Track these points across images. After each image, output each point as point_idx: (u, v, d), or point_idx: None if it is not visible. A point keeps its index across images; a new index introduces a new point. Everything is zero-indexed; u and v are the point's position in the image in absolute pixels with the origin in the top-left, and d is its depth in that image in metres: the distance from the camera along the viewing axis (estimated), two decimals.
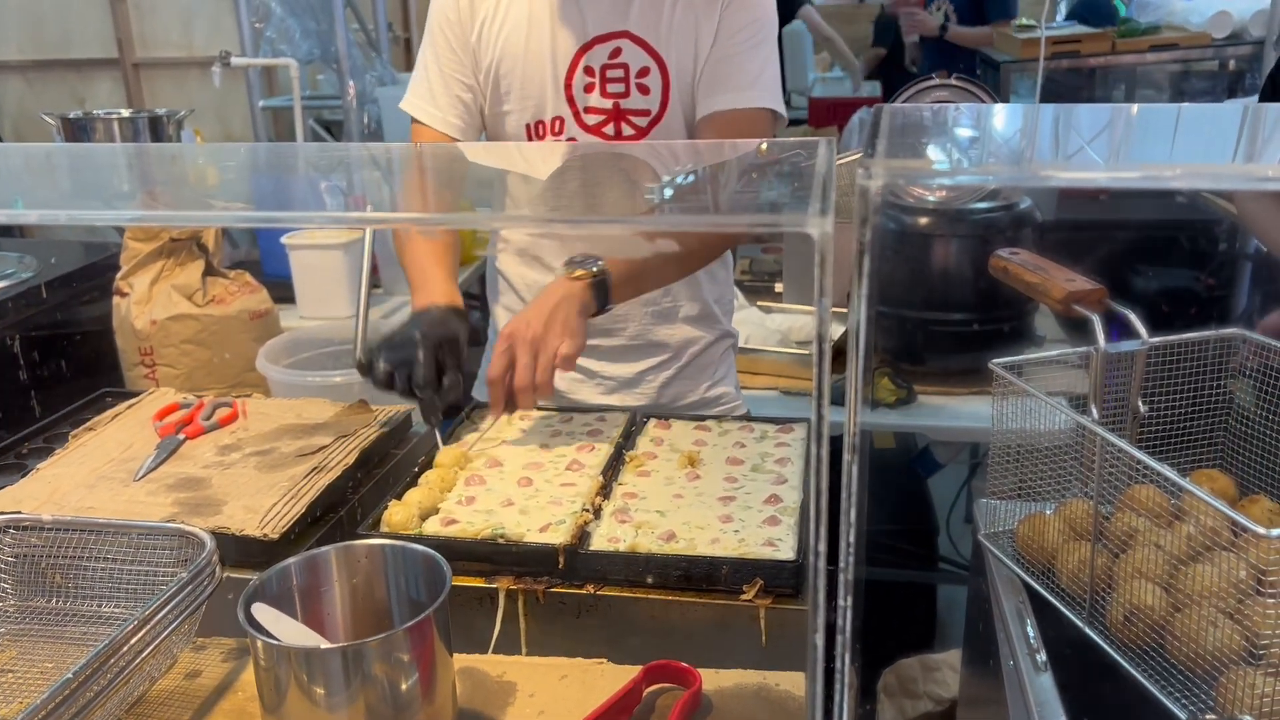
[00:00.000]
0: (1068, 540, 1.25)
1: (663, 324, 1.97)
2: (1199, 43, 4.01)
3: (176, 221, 1.87)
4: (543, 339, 1.60)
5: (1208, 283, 3.52)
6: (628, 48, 1.78)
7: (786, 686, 1.14)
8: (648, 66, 1.79)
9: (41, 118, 3.39)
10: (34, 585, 1.23)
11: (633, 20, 1.78)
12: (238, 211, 1.20)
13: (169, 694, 1.14)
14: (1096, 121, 0.92)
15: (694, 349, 2.01)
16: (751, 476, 1.55)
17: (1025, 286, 1.41)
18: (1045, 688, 1.10)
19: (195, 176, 1.27)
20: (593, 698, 1.12)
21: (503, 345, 1.62)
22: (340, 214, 1.34)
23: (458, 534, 1.39)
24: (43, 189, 1.19)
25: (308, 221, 2.68)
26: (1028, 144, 0.78)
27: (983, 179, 0.85)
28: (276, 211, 1.21)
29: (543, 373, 1.59)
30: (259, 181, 1.25)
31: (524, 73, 1.81)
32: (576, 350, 1.62)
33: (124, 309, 2.70)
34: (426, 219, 1.30)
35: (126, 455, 1.63)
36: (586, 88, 1.80)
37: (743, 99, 1.78)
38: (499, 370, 1.60)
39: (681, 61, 1.79)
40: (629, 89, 1.80)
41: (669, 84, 1.79)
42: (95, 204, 1.14)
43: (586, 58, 1.79)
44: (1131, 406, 1.32)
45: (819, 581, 0.62)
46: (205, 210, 1.17)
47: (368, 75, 4.50)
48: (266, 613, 0.98)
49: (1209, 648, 1.05)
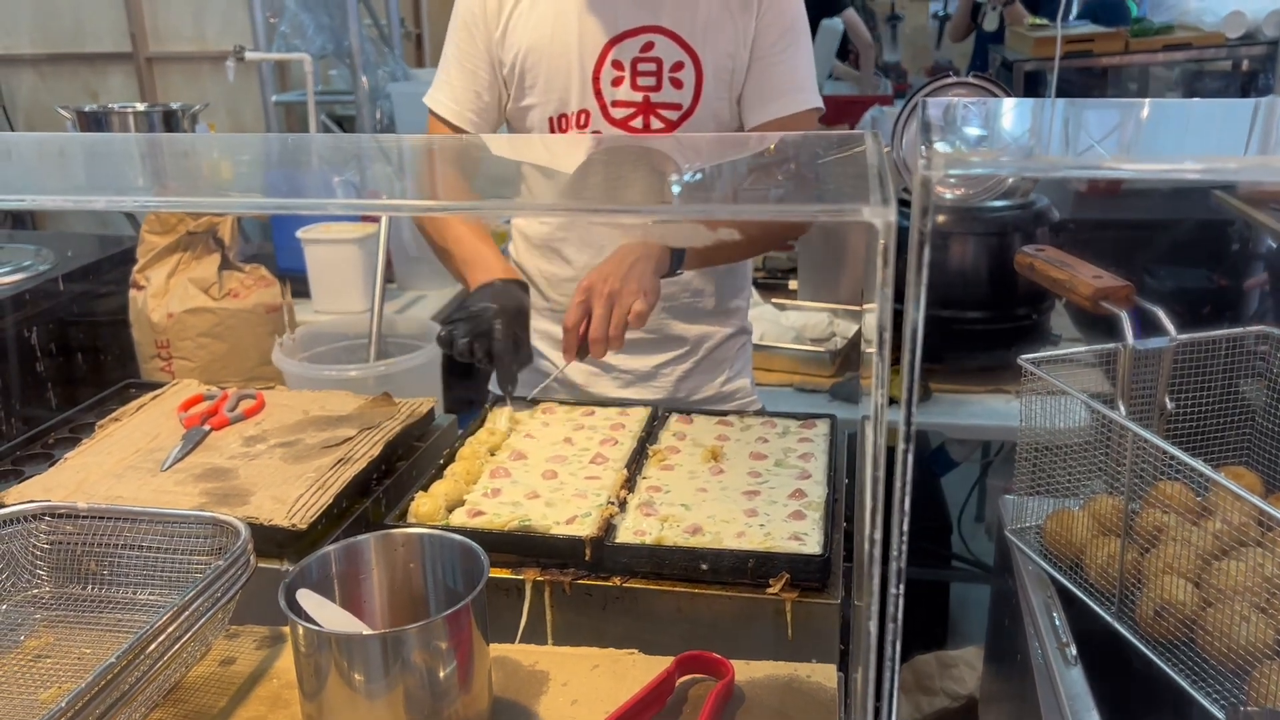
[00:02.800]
0: (1096, 536, 1.25)
1: (680, 319, 1.99)
2: (1213, 43, 4.00)
3: (207, 208, 1.87)
4: (619, 294, 1.67)
5: (1220, 282, 3.52)
6: (661, 42, 1.79)
7: (818, 678, 1.14)
8: (682, 61, 1.80)
9: (56, 111, 3.40)
10: (69, 572, 1.23)
11: (666, 15, 1.79)
12: (261, 199, 1.20)
13: (205, 680, 1.15)
14: (1135, 116, 0.92)
15: (710, 343, 2.02)
16: (775, 471, 1.55)
17: (1051, 283, 1.42)
18: (1076, 681, 1.10)
19: (211, 167, 1.27)
20: (624, 687, 1.12)
21: (580, 297, 1.70)
22: (369, 201, 1.34)
23: (484, 525, 1.40)
24: (58, 178, 1.19)
25: (331, 210, 2.69)
26: (1075, 137, 0.79)
27: (1044, 170, 0.86)
28: (297, 199, 1.21)
29: (616, 326, 1.67)
30: (275, 172, 1.25)
31: (550, 65, 1.82)
32: (650, 307, 1.69)
33: (140, 302, 2.71)
34: (469, 207, 1.30)
35: (153, 446, 1.64)
36: (615, 81, 1.81)
37: (791, 104, 1.83)
38: (574, 319, 1.69)
39: (717, 59, 1.80)
40: (661, 82, 1.81)
41: (702, 79, 1.81)
42: (112, 192, 1.15)
43: (616, 51, 1.80)
44: (1158, 403, 1.33)
45: (874, 569, 0.62)
46: (228, 197, 1.17)
47: (380, 71, 4.51)
48: (311, 599, 0.99)
49: (1241, 643, 1.05)
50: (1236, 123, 0.95)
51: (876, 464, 0.61)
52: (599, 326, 1.67)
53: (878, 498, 0.61)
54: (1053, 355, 1.37)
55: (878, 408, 0.61)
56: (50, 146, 1.37)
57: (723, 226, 1.73)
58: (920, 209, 0.58)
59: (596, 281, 1.70)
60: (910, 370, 0.61)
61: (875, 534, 0.62)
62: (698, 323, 2.00)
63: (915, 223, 0.59)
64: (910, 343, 0.60)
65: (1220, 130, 0.92)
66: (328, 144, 1.98)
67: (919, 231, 0.58)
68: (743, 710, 1.11)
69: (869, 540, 0.62)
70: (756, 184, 0.83)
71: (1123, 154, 0.79)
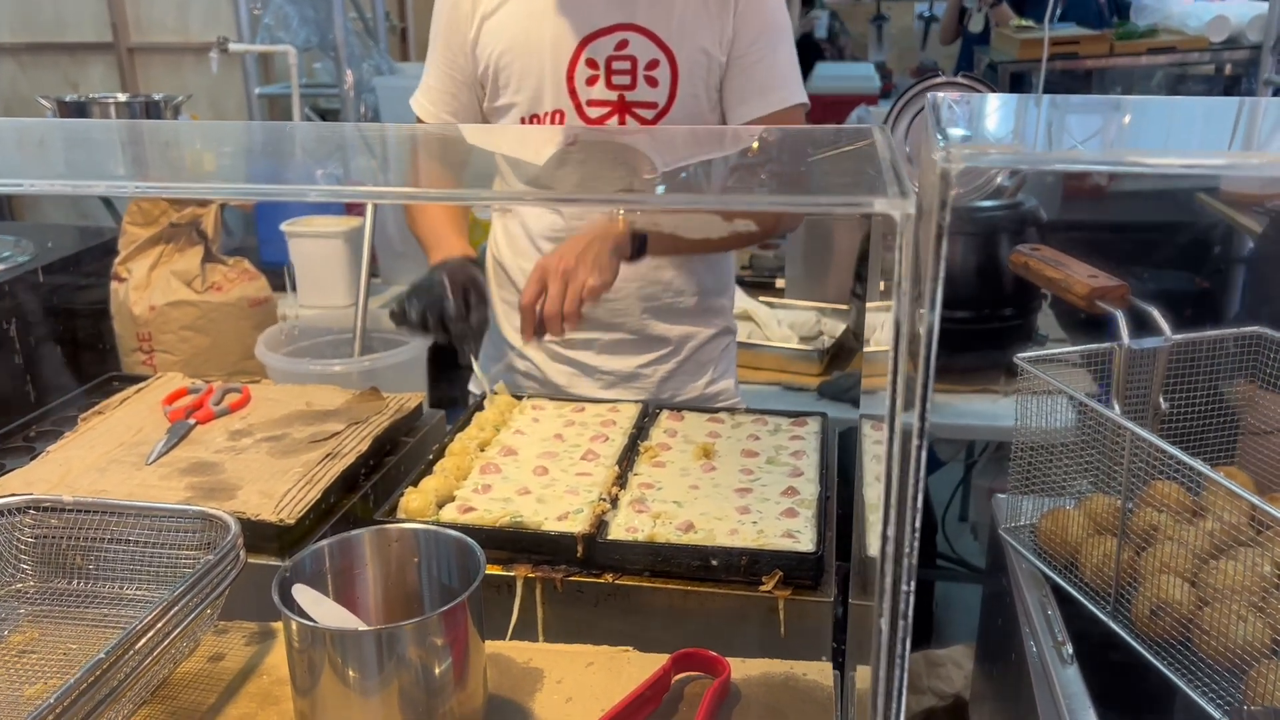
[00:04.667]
0: (1091, 535, 1.25)
1: (662, 319, 1.97)
2: (1196, 46, 4.02)
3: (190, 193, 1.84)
4: (573, 271, 1.68)
5: (1203, 284, 3.54)
6: (636, 40, 1.77)
7: (814, 676, 1.14)
8: (657, 59, 1.78)
9: (37, 100, 3.36)
10: (54, 566, 1.21)
11: (640, 13, 1.77)
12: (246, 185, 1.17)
13: (193, 676, 1.13)
14: (1146, 113, 0.92)
15: (693, 344, 2.00)
16: (767, 469, 1.55)
17: (1046, 282, 1.42)
18: (1072, 679, 1.10)
19: (192, 157, 1.24)
20: (619, 685, 1.11)
21: (536, 275, 1.71)
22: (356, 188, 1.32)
23: (475, 521, 1.39)
24: (39, 164, 1.16)
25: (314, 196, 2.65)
26: (1094, 135, 0.78)
27: (1066, 165, 0.85)
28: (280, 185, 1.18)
29: (570, 302, 1.67)
30: (258, 161, 1.23)
31: (523, 64, 1.81)
32: (604, 284, 1.70)
33: (122, 294, 2.68)
34: (450, 196, 1.29)
35: (137, 439, 1.62)
36: (589, 80, 1.79)
37: (775, 101, 1.82)
38: (531, 297, 1.70)
39: (692, 56, 1.78)
40: (636, 81, 1.79)
41: (678, 77, 1.79)
42: (94, 180, 1.12)
43: (589, 50, 1.78)
44: (1153, 403, 1.33)
45: (887, 566, 0.62)
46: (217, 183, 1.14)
47: (365, 64, 4.48)
48: (307, 594, 0.97)
49: (1237, 642, 1.05)
50: (1226, 121, 0.95)
51: (889, 463, 0.60)
52: (554, 303, 1.68)
53: (892, 494, 0.61)
54: (1048, 354, 1.37)
55: (893, 407, 0.60)
56: (31, 133, 1.34)
57: (701, 215, 1.74)
58: (940, 201, 0.57)
59: (552, 260, 1.71)
60: (925, 369, 0.61)
61: (889, 530, 0.61)
62: (680, 323, 1.98)
63: (933, 216, 0.58)
64: (926, 341, 0.59)
65: (1209, 128, 0.91)
66: (311, 133, 1.95)
67: (938, 225, 0.58)
68: (739, 708, 1.10)
69: (882, 536, 0.61)
70: (760, 176, 0.83)
71: (1126, 150, 0.78)
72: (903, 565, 0.64)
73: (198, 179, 1.07)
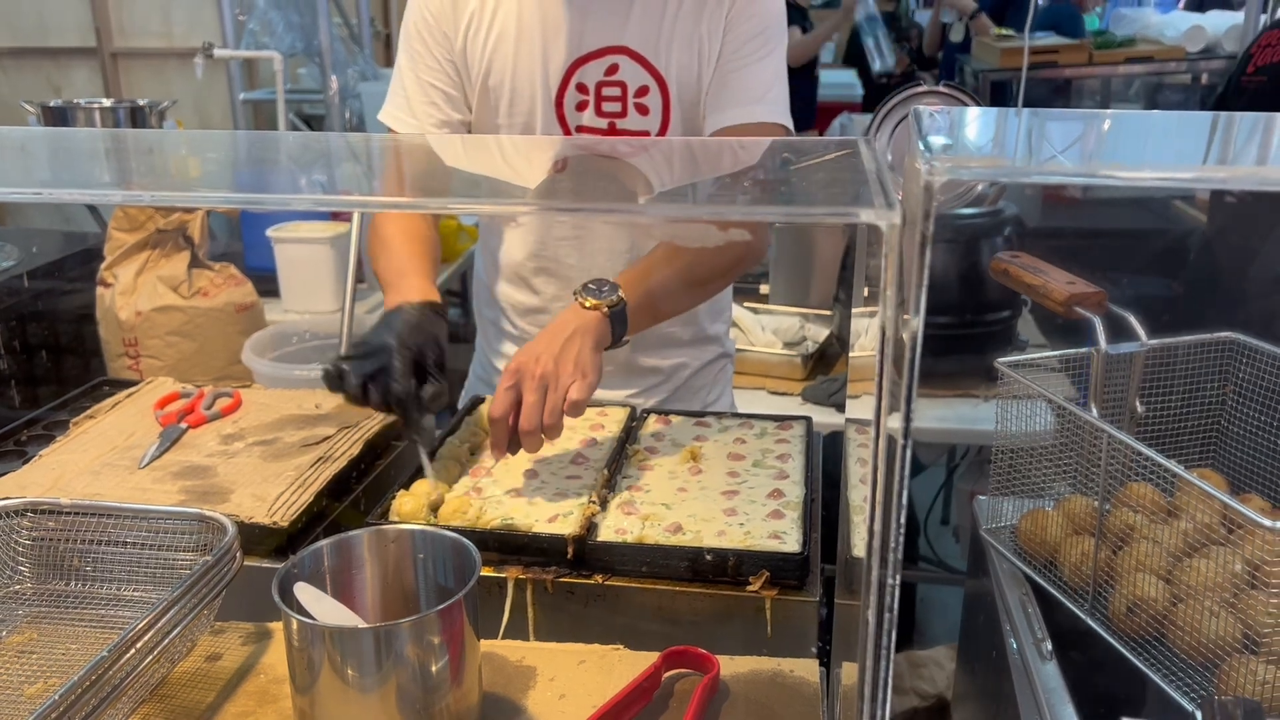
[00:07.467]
0: (1069, 535, 1.28)
1: (652, 353, 1.89)
2: (1173, 56, 4.09)
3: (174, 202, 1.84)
4: (554, 376, 1.45)
5: (1178, 289, 3.60)
6: (625, 64, 1.68)
7: (800, 673, 1.17)
8: (647, 85, 1.69)
9: (20, 105, 3.36)
10: (52, 568, 1.23)
11: (630, 35, 1.67)
12: (232, 194, 1.18)
13: (191, 676, 1.15)
14: (1128, 126, 0.95)
15: (687, 372, 1.94)
16: (753, 472, 1.57)
17: (1025, 288, 1.45)
18: (1051, 675, 1.13)
19: (178, 164, 1.25)
20: (611, 682, 1.14)
21: (509, 381, 1.46)
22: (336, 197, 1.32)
23: (466, 524, 1.41)
24: (20, 171, 1.17)
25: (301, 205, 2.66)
26: (1073, 146, 0.81)
27: (1045, 177, 0.88)
28: (265, 194, 1.18)
29: (551, 414, 1.44)
30: (244, 169, 1.22)
31: (513, 87, 1.72)
32: (589, 391, 1.47)
33: (108, 300, 2.69)
34: (430, 203, 1.29)
35: (129, 443, 1.63)
36: (579, 106, 1.71)
37: (754, 113, 1.69)
38: (503, 409, 1.44)
39: (684, 79, 1.69)
40: (626, 109, 1.70)
41: (669, 103, 1.70)
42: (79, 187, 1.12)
43: (579, 74, 1.69)
44: (1129, 407, 1.36)
45: (873, 562, 0.65)
46: (202, 191, 1.15)
47: (350, 70, 4.50)
48: (308, 592, 0.99)
49: (1210, 637, 1.09)
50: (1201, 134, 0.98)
51: (875, 465, 0.63)
52: (531, 416, 1.43)
53: (878, 493, 0.63)
54: (1028, 359, 1.40)
55: (879, 413, 0.63)
56: (11, 140, 1.35)
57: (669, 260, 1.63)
58: (924, 212, 0.60)
59: (527, 363, 1.46)
60: (909, 374, 0.64)
61: (875, 526, 0.64)
62: (673, 355, 1.90)
63: (917, 226, 0.61)
64: (911, 347, 0.62)
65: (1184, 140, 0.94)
66: (297, 141, 1.95)
67: (922, 234, 0.60)
68: (728, 705, 1.12)
69: (869, 532, 0.64)
70: (746, 188, 0.84)
71: (1103, 164, 0.81)
72: (888, 561, 0.66)
73: (184, 187, 1.08)
